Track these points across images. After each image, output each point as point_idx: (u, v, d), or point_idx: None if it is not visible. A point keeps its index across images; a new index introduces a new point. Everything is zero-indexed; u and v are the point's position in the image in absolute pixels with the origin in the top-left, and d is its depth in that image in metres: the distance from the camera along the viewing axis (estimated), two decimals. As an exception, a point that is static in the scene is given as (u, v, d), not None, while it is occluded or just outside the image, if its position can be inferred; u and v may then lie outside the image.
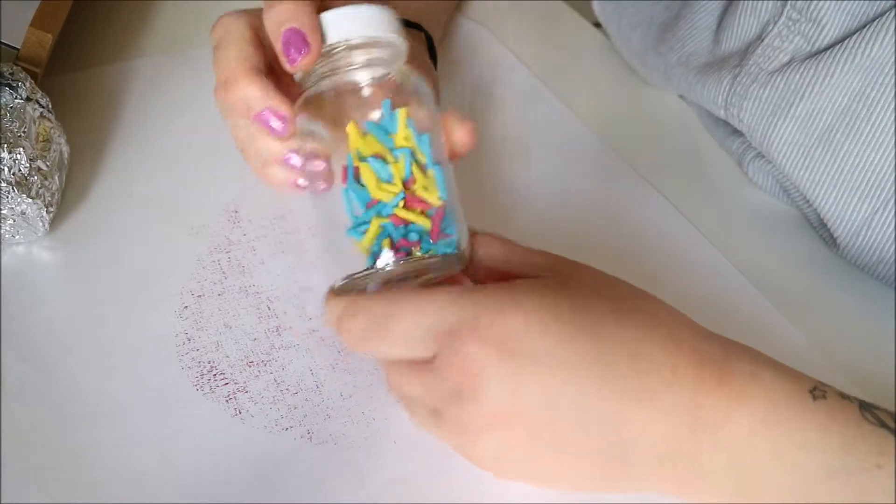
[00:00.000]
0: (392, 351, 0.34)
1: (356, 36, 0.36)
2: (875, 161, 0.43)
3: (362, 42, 0.36)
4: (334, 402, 0.40)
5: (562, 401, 0.32)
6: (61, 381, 0.40)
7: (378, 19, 0.36)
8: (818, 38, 0.45)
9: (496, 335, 0.32)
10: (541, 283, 0.34)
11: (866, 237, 0.45)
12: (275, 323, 0.44)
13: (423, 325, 0.33)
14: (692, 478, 0.32)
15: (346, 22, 0.36)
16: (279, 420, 0.39)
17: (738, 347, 0.34)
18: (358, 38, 0.36)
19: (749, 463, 0.32)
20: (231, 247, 0.47)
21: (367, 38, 0.36)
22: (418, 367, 0.34)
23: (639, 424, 0.32)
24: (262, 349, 0.42)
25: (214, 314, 0.44)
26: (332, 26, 0.36)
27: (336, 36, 0.36)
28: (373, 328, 0.33)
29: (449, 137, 0.38)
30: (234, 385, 0.41)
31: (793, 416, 0.32)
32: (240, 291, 0.45)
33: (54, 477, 0.37)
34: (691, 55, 0.53)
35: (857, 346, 0.44)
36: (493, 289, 0.33)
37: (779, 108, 0.47)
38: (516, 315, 0.32)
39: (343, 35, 0.36)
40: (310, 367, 0.42)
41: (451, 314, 0.32)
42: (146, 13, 0.65)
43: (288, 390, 0.40)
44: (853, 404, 0.33)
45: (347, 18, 0.36)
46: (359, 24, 0.36)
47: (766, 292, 0.46)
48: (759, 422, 0.32)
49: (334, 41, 0.36)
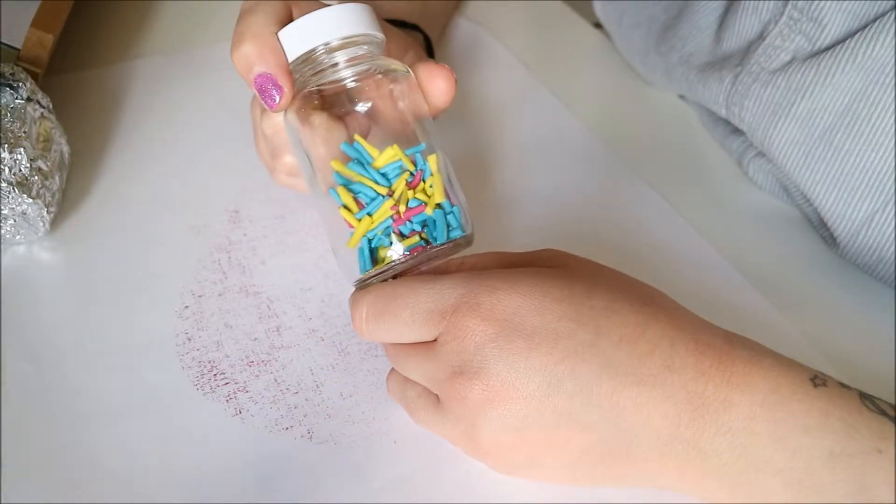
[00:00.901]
0: (398, 332, 0.35)
1: (333, 38, 0.36)
2: (876, 161, 0.43)
3: (340, 43, 0.37)
4: (334, 402, 0.40)
5: (560, 378, 0.32)
6: (61, 381, 0.40)
7: (350, 16, 0.37)
8: (819, 38, 0.45)
9: (495, 313, 0.33)
10: (540, 270, 0.35)
11: (866, 236, 0.45)
12: (275, 323, 0.44)
13: (425, 305, 0.34)
14: (693, 463, 0.33)
15: (321, 25, 0.36)
16: (279, 420, 0.39)
17: (738, 337, 0.35)
18: (335, 40, 0.37)
19: (750, 447, 0.32)
20: (231, 247, 0.48)
21: (344, 37, 0.37)
22: (423, 347, 0.35)
23: (639, 407, 0.32)
24: (263, 349, 0.42)
25: (215, 314, 0.44)
26: (305, 32, 0.37)
27: (312, 42, 0.37)
28: (380, 311, 0.35)
29: (426, 92, 0.38)
30: (234, 385, 0.41)
31: (794, 401, 0.32)
32: (240, 291, 0.45)
33: (54, 477, 0.37)
34: (692, 54, 0.53)
35: (856, 345, 0.44)
36: (493, 272, 0.35)
37: (780, 108, 0.47)
38: (515, 294, 0.33)
39: (320, 39, 0.36)
40: (310, 367, 0.42)
41: (451, 294, 0.34)
42: (146, 13, 0.65)
43: (288, 390, 0.40)
44: (853, 392, 0.33)
45: (322, 21, 0.36)
46: (332, 25, 0.36)
47: (764, 292, 0.46)
48: (759, 406, 0.32)
49: (312, 46, 0.37)
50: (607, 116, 0.58)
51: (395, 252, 0.36)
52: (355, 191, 0.37)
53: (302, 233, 0.48)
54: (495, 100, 0.59)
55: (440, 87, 0.38)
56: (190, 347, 0.42)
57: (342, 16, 0.36)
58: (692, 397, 0.32)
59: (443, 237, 0.36)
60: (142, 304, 0.44)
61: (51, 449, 0.38)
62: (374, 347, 0.43)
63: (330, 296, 0.45)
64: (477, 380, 0.33)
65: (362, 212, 0.36)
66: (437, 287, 0.34)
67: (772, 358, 0.33)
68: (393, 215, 0.36)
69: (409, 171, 0.36)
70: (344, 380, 0.41)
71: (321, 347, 0.42)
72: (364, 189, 0.36)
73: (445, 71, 0.38)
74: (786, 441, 0.31)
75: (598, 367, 0.32)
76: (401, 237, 0.36)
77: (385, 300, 0.35)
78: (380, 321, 0.35)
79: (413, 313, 0.34)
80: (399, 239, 0.36)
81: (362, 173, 0.36)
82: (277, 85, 0.37)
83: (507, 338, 0.32)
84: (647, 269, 0.40)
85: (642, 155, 0.55)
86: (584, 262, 0.37)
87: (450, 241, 0.36)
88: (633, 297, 0.34)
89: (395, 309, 0.35)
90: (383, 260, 0.36)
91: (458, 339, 0.33)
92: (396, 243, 0.36)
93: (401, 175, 0.36)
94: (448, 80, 0.39)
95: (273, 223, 0.49)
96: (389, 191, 0.36)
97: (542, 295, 0.33)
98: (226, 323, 0.43)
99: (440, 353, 0.34)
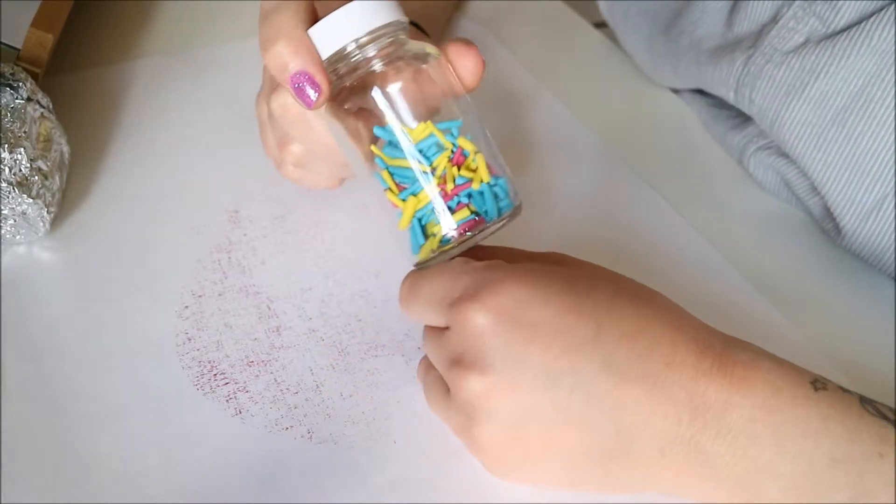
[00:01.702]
0: (419, 316, 0.37)
1: (362, 32, 0.36)
2: (888, 144, 0.43)
3: (370, 37, 0.36)
4: (334, 402, 0.40)
5: (559, 372, 0.32)
6: (61, 381, 0.40)
7: (377, 7, 0.36)
8: (834, 20, 0.45)
9: (498, 303, 0.33)
10: (545, 265, 0.36)
11: (874, 223, 0.45)
12: (275, 323, 0.44)
13: (437, 293, 0.36)
14: (693, 464, 0.32)
15: (350, 20, 0.36)
16: (279, 420, 0.39)
17: (738, 340, 0.35)
18: (365, 35, 0.36)
19: (751, 451, 0.32)
20: (231, 247, 0.48)
21: (373, 30, 0.36)
22: (438, 332, 0.36)
23: (639, 405, 0.32)
24: (262, 349, 0.42)
25: (215, 314, 0.44)
26: (336, 29, 0.36)
27: (343, 39, 0.36)
28: (407, 295, 0.38)
29: (455, 70, 0.38)
30: (234, 385, 0.41)
31: (795, 405, 0.32)
32: (240, 291, 0.45)
33: (54, 477, 0.37)
34: (703, 38, 0.53)
35: (856, 345, 0.44)
36: (499, 264, 0.35)
37: (793, 89, 0.47)
38: (518, 285, 0.33)
39: (349, 37, 0.36)
40: (310, 367, 0.42)
41: (460, 283, 0.35)
42: (146, 13, 0.65)
43: (288, 390, 0.40)
44: (853, 397, 0.33)
45: (351, 15, 0.36)
46: (361, 19, 0.36)
47: (764, 291, 0.46)
48: (760, 409, 0.32)
49: (343, 43, 0.36)
50: (608, 116, 0.58)
51: (446, 227, 0.36)
52: (393, 173, 0.37)
53: (302, 233, 0.48)
54: (496, 100, 0.59)
55: (468, 67, 0.38)
56: (190, 347, 0.42)
57: (370, 7, 0.36)
58: (693, 396, 0.32)
59: (494, 212, 0.37)
60: (142, 304, 0.44)
61: (51, 449, 0.38)
62: (374, 347, 0.43)
63: (330, 296, 0.45)
64: (475, 369, 0.33)
65: (405, 192, 0.36)
66: (449, 275, 0.35)
67: (771, 361, 0.33)
68: (440, 192, 0.36)
69: (449, 150, 0.36)
70: (344, 380, 0.41)
71: (321, 347, 0.42)
72: (399, 171, 0.37)
73: (474, 50, 0.38)
74: (786, 445, 0.31)
75: (599, 364, 0.32)
76: (450, 212, 0.36)
77: (411, 284, 0.37)
78: (407, 304, 0.38)
79: (428, 300, 0.36)
80: (449, 214, 0.36)
81: (398, 155, 0.37)
82: (314, 83, 0.36)
83: (507, 328, 0.33)
84: (646, 268, 0.40)
85: (642, 155, 0.55)
86: (587, 264, 0.37)
87: (502, 217, 0.37)
88: (634, 296, 0.35)
89: (416, 294, 0.37)
90: (434, 236, 0.37)
91: (460, 327, 0.34)
92: (447, 218, 0.36)
93: (441, 153, 0.36)
94: (476, 60, 0.38)
95: (273, 223, 0.49)
96: (431, 167, 0.36)
97: (545, 288, 0.33)
98: (226, 323, 0.43)
99: (446, 340, 0.35)
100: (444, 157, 0.36)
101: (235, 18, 0.65)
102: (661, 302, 0.35)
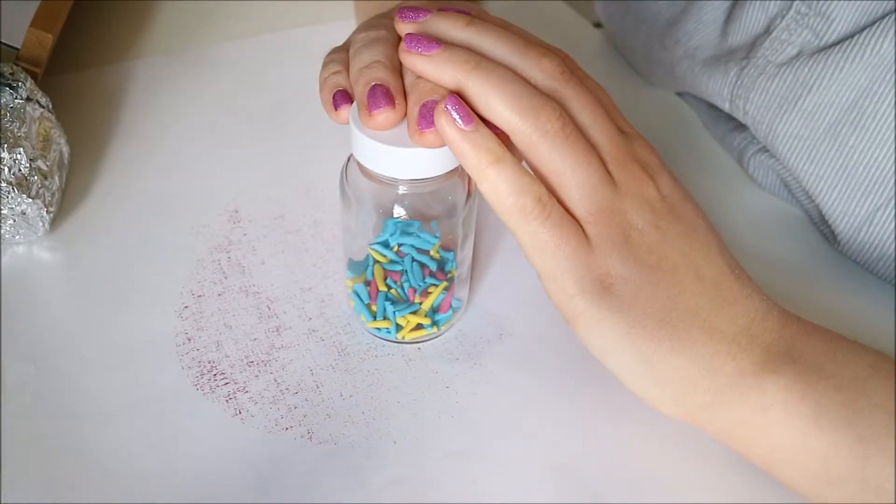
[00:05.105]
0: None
1: (403, 178, 0.36)
2: (880, 157, 0.43)
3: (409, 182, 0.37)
4: (334, 402, 0.40)
5: (692, 255, 0.36)
6: (61, 381, 0.40)
7: (424, 160, 0.35)
8: (826, 33, 0.45)
9: (670, 183, 0.37)
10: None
11: (868, 233, 0.45)
12: (275, 323, 0.44)
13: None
14: (756, 363, 0.35)
15: (394, 160, 0.35)
16: (279, 420, 0.39)
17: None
18: (404, 181, 0.37)
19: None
20: (231, 247, 0.48)
21: (413, 179, 0.36)
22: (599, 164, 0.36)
23: (737, 297, 0.36)
24: (262, 349, 0.42)
25: (214, 314, 0.44)
26: (378, 160, 0.35)
27: (382, 170, 0.36)
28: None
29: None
30: (234, 385, 0.41)
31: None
32: (240, 291, 0.45)
33: (54, 477, 0.37)
34: (698, 48, 0.54)
35: (856, 346, 0.44)
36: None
37: (786, 101, 0.47)
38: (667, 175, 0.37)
39: (388, 173, 0.36)
40: (310, 367, 0.42)
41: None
42: (146, 13, 0.65)
43: (288, 390, 0.40)
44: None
45: (396, 158, 0.35)
46: (405, 165, 0.35)
47: (763, 291, 0.46)
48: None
49: (380, 173, 0.36)
50: (607, 116, 0.58)
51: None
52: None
53: (302, 233, 0.48)
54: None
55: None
56: (190, 347, 0.42)
57: (417, 157, 0.35)
58: (770, 307, 0.37)
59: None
60: (142, 304, 0.44)
61: (51, 449, 0.38)
62: (374, 347, 0.43)
63: (330, 296, 0.45)
64: (653, 181, 0.36)
65: (361, 267, 0.41)
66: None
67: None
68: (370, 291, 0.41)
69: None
70: (344, 380, 0.41)
71: (321, 347, 0.42)
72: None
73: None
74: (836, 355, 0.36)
75: (718, 266, 0.36)
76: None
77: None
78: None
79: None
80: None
81: (383, 253, 0.40)
82: (391, 99, 0.34)
83: (670, 210, 0.36)
84: (647, 268, 0.40)
85: (642, 155, 0.55)
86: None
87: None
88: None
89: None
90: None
91: (639, 182, 0.36)
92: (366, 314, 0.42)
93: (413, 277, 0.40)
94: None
95: (273, 223, 0.49)
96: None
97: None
98: (225, 323, 0.43)
99: (631, 146, 0.37)
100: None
101: (235, 18, 0.65)
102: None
